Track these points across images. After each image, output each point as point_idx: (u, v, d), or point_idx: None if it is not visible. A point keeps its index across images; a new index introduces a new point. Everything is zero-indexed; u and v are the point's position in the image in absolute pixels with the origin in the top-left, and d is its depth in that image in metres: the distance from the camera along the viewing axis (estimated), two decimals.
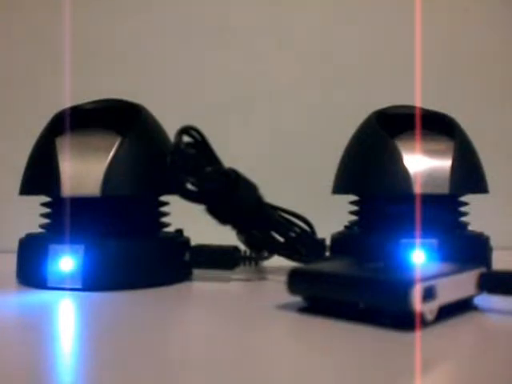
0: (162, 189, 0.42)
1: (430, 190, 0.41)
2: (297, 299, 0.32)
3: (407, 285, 0.27)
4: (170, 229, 0.45)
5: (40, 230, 0.43)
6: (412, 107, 0.45)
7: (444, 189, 0.41)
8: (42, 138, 0.42)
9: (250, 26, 0.68)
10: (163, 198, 0.44)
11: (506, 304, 0.32)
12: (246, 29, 0.67)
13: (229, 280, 0.43)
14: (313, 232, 0.47)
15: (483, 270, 0.31)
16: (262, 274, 0.45)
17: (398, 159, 0.42)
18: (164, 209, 0.44)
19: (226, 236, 0.43)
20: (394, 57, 0.66)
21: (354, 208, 0.47)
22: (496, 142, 0.64)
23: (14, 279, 0.41)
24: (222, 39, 0.67)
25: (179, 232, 0.45)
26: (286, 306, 0.33)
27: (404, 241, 0.40)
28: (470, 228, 0.45)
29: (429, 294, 0.27)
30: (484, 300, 0.32)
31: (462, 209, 0.45)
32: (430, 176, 0.41)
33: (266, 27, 0.68)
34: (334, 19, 0.68)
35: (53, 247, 0.38)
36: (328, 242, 0.46)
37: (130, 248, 0.40)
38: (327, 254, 0.46)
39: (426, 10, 0.62)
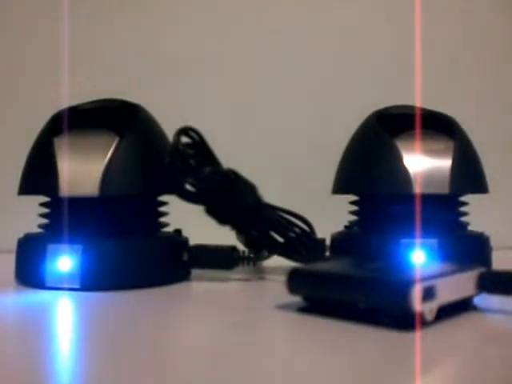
0: (161, 189, 0.42)
1: (430, 190, 0.41)
2: (297, 299, 0.32)
3: (407, 285, 0.27)
4: (169, 229, 0.44)
5: (38, 230, 0.43)
6: (412, 107, 0.45)
7: (444, 189, 0.41)
8: (40, 138, 0.42)
9: (249, 27, 0.67)
10: (162, 198, 0.43)
11: (506, 304, 0.32)
12: (245, 29, 0.67)
13: (228, 280, 0.43)
14: (312, 232, 0.46)
15: (483, 270, 0.31)
16: (261, 274, 0.45)
17: (398, 159, 0.41)
18: (163, 209, 0.44)
19: (224, 236, 0.43)
20: (393, 57, 0.66)
21: (354, 208, 0.47)
22: (496, 142, 0.64)
23: (13, 279, 0.41)
24: (221, 39, 0.67)
25: (178, 232, 0.45)
26: (285, 306, 0.33)
27: (404, 241, 0.40)
28: (470, 228, 0.45)
29: (429, 294, 0.27)
30: (484, 300, 0.32)
31: (462, 209, 0.45)
32: (430, 176, 0.41)
33: (265, 27, 0.67)
34: (334, 19, 0.67)
35: (51, 247, 0.38)
36: (328, 242, 0.46)
37: (129, 248, 0.40)
38: (327, 254, 0.46)
39: (427, 9, 0.62)
